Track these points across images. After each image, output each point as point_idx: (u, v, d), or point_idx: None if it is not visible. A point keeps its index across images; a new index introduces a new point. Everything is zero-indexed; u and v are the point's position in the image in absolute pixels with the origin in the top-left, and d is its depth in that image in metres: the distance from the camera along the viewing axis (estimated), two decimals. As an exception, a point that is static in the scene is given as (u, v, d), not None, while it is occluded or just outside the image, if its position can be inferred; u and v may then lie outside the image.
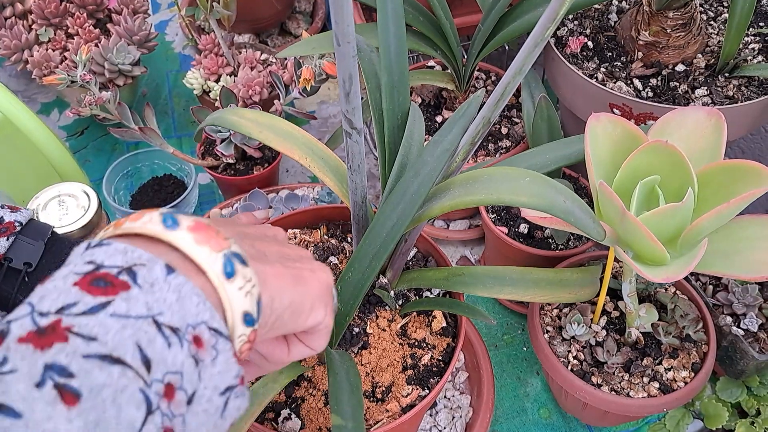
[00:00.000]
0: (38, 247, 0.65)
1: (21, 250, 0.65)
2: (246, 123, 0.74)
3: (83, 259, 0.35)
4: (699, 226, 0.62)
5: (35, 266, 0.65)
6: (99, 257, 0.35)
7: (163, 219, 0.37)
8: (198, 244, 0.37)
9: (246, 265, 0.38)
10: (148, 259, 0.35)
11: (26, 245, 0.65)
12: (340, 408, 0.54)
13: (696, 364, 0.79)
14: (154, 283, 0.35)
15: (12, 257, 0.64)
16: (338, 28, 0.49)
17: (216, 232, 0.38)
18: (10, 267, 0.64)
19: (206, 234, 0.38)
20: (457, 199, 0.60)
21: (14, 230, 0.65)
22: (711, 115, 0.68)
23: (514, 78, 0.55)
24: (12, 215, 0.66)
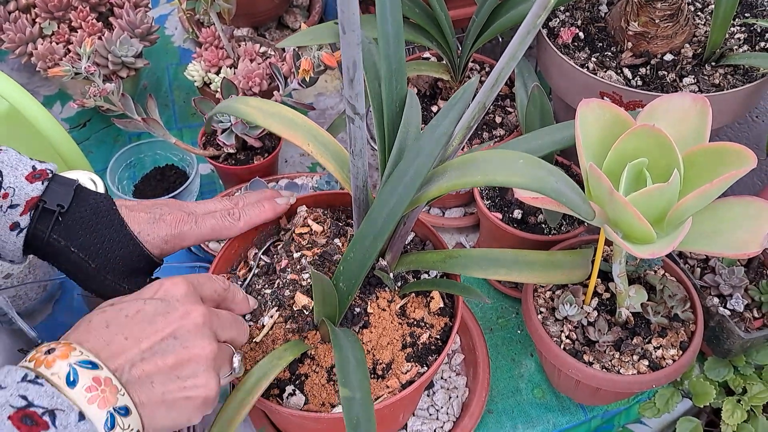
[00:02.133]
0: (69, 191, 0.71)
1: (54, 193, 0.70)
2: (252, 111, 0.76)
3: (18, 391, 0.48)
4: (684, 206, 0.65)
5: (67, 208, 0.70)
6: (31, 395, 0.48)
7: (67, 377, 0.50)
8: (89, 403, 0.50)
9: (126, 414, 0.52)
10: (67, 406, 0.48)
11: (58, 189, 0.71)
12: (347, 380, 0.56)
13: (684, 343, 0.82)
14: (67, 426, 0.48)
15: (46, 199, 0.70)
16: (344, 16, 0.52)
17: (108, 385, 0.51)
18: (44, 208, 0.69)
19: (97, 393, 0.50)
20: (454, 180, 0.62)
21: (47, 176, 0.71)
22: (696, 101, 0.71)
23: (508, 63, 0.58)
24: (43, 164, 0.72)
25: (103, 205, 0.73)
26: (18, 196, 0.68)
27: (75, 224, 0.71)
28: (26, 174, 0.70)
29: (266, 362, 0.67)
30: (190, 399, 0.57)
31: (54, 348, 0.52)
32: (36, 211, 0.69)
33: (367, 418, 0.54)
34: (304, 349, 0.71)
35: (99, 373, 0.51)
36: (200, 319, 0.59)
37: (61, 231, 0.70)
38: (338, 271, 0.68)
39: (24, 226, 0.69)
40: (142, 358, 0.55)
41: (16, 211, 0.68)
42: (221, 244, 1.02)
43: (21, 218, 0.68)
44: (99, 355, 0.53)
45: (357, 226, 0.74)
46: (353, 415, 0.54)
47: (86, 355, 0.52)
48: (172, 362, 0.56)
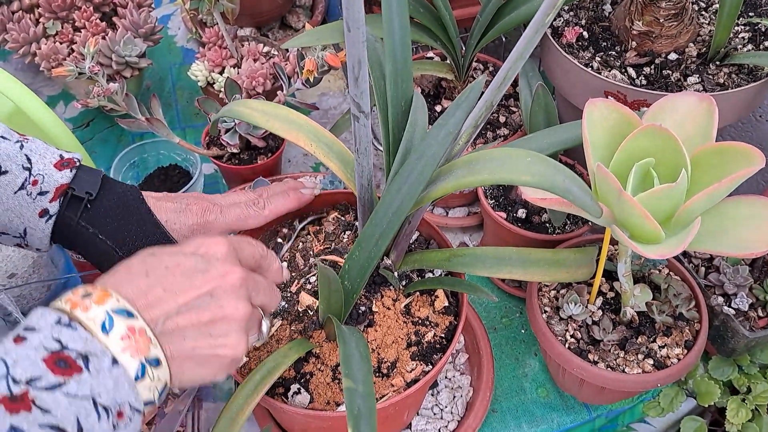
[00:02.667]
0: (97, 179, 0.72)
1: (82, 180, 0.71)
2: (254, 113, 0.76)
3: (52, 334, 0.48)
4: (692, 206, 0.65)
5: (95, 195, 0.71)
6: (65, 338, 0.48)
7: (102, 323, 0.50)
8: (122, 351, 0.50)
9: (157, 365, 0.52)
10: (100, 351, 0.49)
11: (86, 177, 0.72)
12: (351, 373, 0.57)
13: (689, 342, 0.82)
14: (100, 371, 0.48)
15: (75, 187, 0.71)
16: (349, 14, 0.52)
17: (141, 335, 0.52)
18: (73, 195, 0.70)
19: (130, 341, 0.51)
20: (460, 179, 0.62)
21: (75, 164, 0.71)
22: (703, 99, 0.71)
23: (516, 63, 0.58)
24: (69, 154, 0.72)
25: (130, 194, 0.73)
26: (47, 183, 0.69)
27: (103, 212, 0.71)
28: (54, 162, 0.70)
29: (271, 360, 0.67)
30: (218, 357, 0.57)
31: (90, 293, 0.52)
32: (65, 198, 0.70)
33: (369, 410, 0.55)
34: (309, 347, 0.71)
35: (134, 322, 0.52)
36: (237, 281, 0.59)
37: (90, 218, 0.71)
38: (343, 269, 0.69)
39: (53, 213, 0.69)
40: (178, 312, 0.55)
41: (46, 197, 0.69)
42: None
43: (50, 205, 0.69)
44: (135, 304, 0.53)
45: (362, 225, 0.74)
46: (355, 406, 0.55)
47: (122, 303, 0.52)
48: (207, 319, 0.56)
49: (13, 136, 0.71)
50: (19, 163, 0.69)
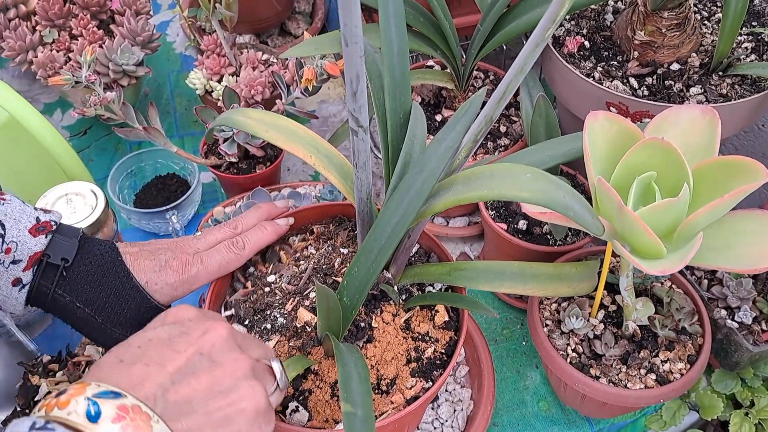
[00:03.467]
0: (74, 243, 0.70)
1: (58, 245, 0.69)
2: (252, 123, 0.75)
3: None
4: (694, 221, 0.64)
5: (71, 262, 0.69)
6: None
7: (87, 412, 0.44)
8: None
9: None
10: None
11: (63, 242, 0.69)
12: (349, 396, 0.55)
13: (692, 356, 0.81)
14: None
15: (50, 254, 0.68)
16: (346, 29, 0.51)
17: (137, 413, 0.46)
18: (48, 263, 0.68)
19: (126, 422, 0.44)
20: (460, 194, 0.61)
21: (51, 228, 0.69)
22: (705, 112, 0.70)
23: (516, 77, 0.57)
24: (46, 215, 0.70)
25: (108, 256, 0.71)
26: (21, 251, 0.66)
27: (80, 278, 0.69)
28: (30, 227, 0.68)
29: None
30: (239, 412, 0.53)
31: (65, 389, 0.46)
32: (40, 266, 0.68)
33: (369, 432, 0.53)
34: (308, 364, 0.70)
35: (124, 401, 0.46)
36: (224, 332, 0.56)
37: (66, 286, 0.69)
38: (342, 285, 0.68)
39: (27, 282, 0.67)
40: (173, 381, 0.50)
41: (19, 266, 0.67)
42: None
43: (24, 274, 0.67)
44: (120, 386, 0.47)
45: (361, 238, 0.73)
46: (354, 431, 0.53)
47: (104, 386, 0.46)
48: (207, 380, 0.52)
49: None
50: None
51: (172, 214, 1.04)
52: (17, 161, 0.99)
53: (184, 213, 1.08)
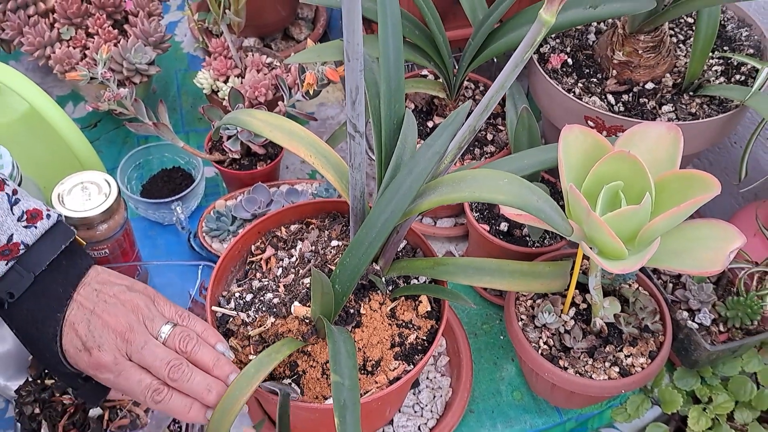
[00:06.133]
0: (27, 280, 0.70)
1: (10, 280, 0.69)
2: (257, 123, 0.82)
3: None
4: (654, 226, 0.71)
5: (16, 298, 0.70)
6: None
7: None
8: None
9: None
10: None
11: (17, 275, 0.69)
12: (338, 369, 0.62)
13: (653, 352, 0.88)
14: None
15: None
16: (349, 46, 0.58)
17: None
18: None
19: None
20: (444, 195, 0.68)
21: (16, 254, 0.69)
22: (670, 129, 0.77)
23: (497, 93, 0.64)
24: (21, 234, 0.70)
25: (52, 305, 0.71)
26: None
27: (18, 314, 0.71)
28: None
29: (265, 355, 0.73)
30: None
31: None
32: None
33: (353, 402, 0.61)
34: (301, 344, 0.77)
35: None
36: None
37: (6, 314, 0.71)
38: (335, 273, 0.74)
39: None
40: None
41: None
42: (224, 244, 1.08)
43: None
44: None
45: (354, 232, 0.80)
46: (341, 398, 0.60)
47: None
48: None
49: None
50: None
51: (177, 205, 1.11)
52: (36, 150, 1.06)
53: (188, 204, 1.15)
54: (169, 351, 0.71)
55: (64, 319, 0.71)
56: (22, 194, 0.72)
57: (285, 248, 0.89)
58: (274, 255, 0.88)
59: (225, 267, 0.87)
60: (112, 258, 0.99)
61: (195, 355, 0.72)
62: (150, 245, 1.16)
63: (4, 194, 0.71)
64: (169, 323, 0.73)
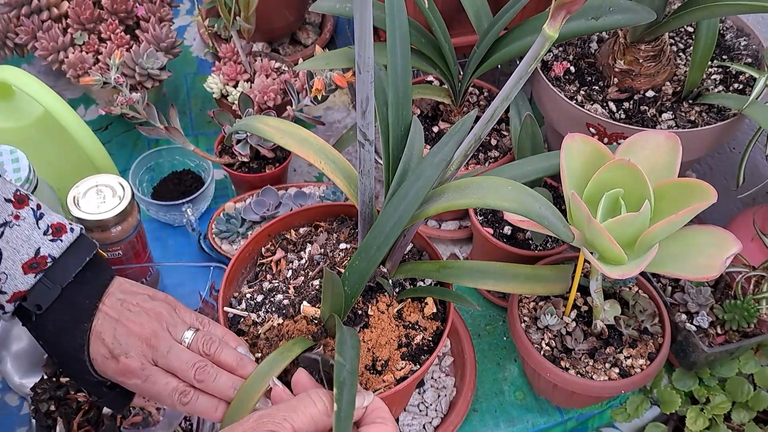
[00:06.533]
0: (54, 291, 0.72)
1: (39, 292, 0.72)
2: (269, 129, 0.84)
3: None
4: (653, 233, 0.74)
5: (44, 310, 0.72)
6: None
7: None
8: None
9: None
10: None
11: (45, 288, 0.72)
12: (342, 353, 0.66)
13: (652, 354, 0.91)
14: None
15: (28, 297, 0.72)
16: (360, 59, 0.61)
17: None
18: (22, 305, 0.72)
19: None
20: (450, 201, 0.71)
21: (44, 267, 0.72)
22: (669, 138, 0.79)
23: (502, 104, 0.67)
24: (48, 247, 0.73)
25: (79, 315, 0.73)
26: (8, 285, 0.70)
27: (46, 326, 0.73)
28: (26, 260, 0.71)
29: (278, 353, 0.75)
30: None
31: None
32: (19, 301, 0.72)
33: (351, 383, 0.64)
34: (311, 344, 0.79)
35: None
36: None
37: (34, 326, 0.73)
38: (344, 275, 0.77)
39: (9, 311, 0.72)
40: None
41: (4, 297, 0.71)
42: (233, 246, 1.10)
43: (7, 304, 0.71)
44: None
45: (362, 236, 0.82)
46: (342, 376, 0.64)
47: None
48: None
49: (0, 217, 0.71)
50: None
51: (188, 207, 1.13)
52: (51, 153, 1.09)
53: (198, 207, 1.17)
54: (193, 354, 0.74)
55: (90, 329, 0.73)
56: (45, 209, 0.75)
57: (295, 251, 0.92)
58: (284, 257, 0.91)
59: (236, 269, 0.89)
60: (125, 259, 1.01)
61: (218, 357, 0.75)
62: (161, 246, 1.18)
63: (30, 209, 0.73)
64: (191, 329, 0.76)
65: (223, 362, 0.75)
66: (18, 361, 1.01)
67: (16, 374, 1.00)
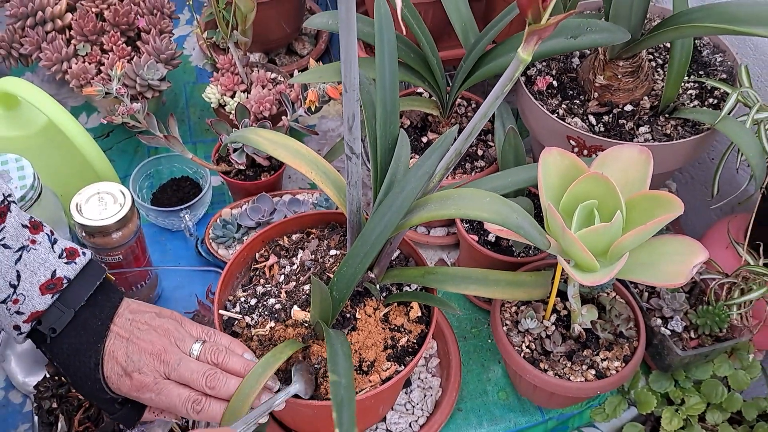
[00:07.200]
0: (68, 315, 0.77)
1: (53, 314, 0.76)
2: (264, 141, 0.89)
3: None
4: (624, 242, 0.78)
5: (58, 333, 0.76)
6: None
7: None
8: None
9: None
10: None
11: (59, 311, 0.76)
12: (336, 369, 0.69)
13: (627, 356, 0.95)
14: None
15: (43, 320, 0.76)
16: (347, 79, 0.65)
17: None
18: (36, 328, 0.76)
19: None
20: (432, 212, 0.75)
21: (60, 288, 0.77)
22: (642, 152, 0.84)
23: (480, 121, 0.71)
24: (63, 269, 0.77)
25: (92, 337, 0.78)
26: (26, 305, 0.75)
27: (60, 347, 0.77)
28: (43, 282, 0.75)
29: (270, 356, 0.80)
30: None
31: None
32: (35, 321, 0.76)
33: (349, 399, 0.67)
34: (301, 346, 0.84)
35: None
36: None
37: (48, 348, 0.78)
38: (332, 281, 0.81)
39: (24, 331, 0.76)
40: None
41: (21, 317, 0.75)
42: (230, 250, 1.15)
43: (24, 324, 0.75)
44: None
45: (350, 243, 0.87)
46: (338, 395, 0.67)
47: None
48: None
49: (17, 242, 0.75)
50: (8, 279, 0.74)
51: (186, 213, 1.18)
52: (54, 161, 1.13)
53: (195, 212, 1.22)
54: (202, 364, 0.79)
55: (104, 349, 0.78)
56: (57, 234, 0.80)
57: (287, 256, 0.96)
58: (276, 263, 0.95)
59: (231, 273, 0.94)
60: (126, 263, 1.06)
61: (226, 364, 0.80)
62: (159, 250, 1.23)
63: (45, 234, 0.78)
64: (198, 341, 0.81)
65: (231, 369, 0.80)
66: (22, 360, 1.05)
67: (19, 373, 1.05)
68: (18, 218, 0.76)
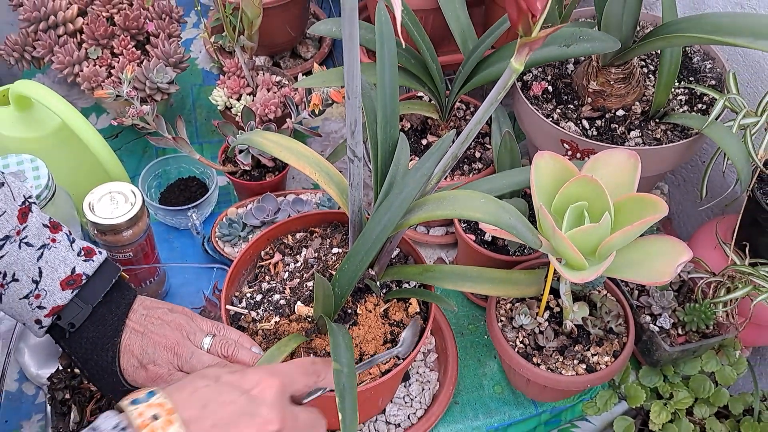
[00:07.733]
0: (86, 311, 0.81)
1: (72, 310, 0.80)
2: (269, 144, 0.93)
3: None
4: (611, 242, 0.82)
5: (77, 328, 0.81)
6: None
7: None
8: None
9: None
10: None
11: (78, 306, 0.81)
12: (338, 358, 0.73)
13: (616, 352, 0.99)
14: None
15: (62, 315, 0.80)
16: (349, 87, 0.69)
17: None
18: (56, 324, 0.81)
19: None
20: (430, 212, 0.79)
21: (80, 283, 0.81)
22: (630, 156, 0.88)
23: (476, 126, 0.75)
24: (84, 265, 0.81)
25: (109, 331, 0.82)
26: (47, 300, 0.79)
27: (79, 342, 0.81)
28: (63, 278, 0.80)
29: (274, 349, 0.84)
30: None
31: (159, 416, 0.60)
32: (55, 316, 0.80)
33: (351, 386, 0.71)
34: (305, 340, 0.88)
35: None
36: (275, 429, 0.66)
37: (67, 342, 0.82)
38: (335, 278, 0.85)
39: (45, 325, 0.80)
40: None
41: (42, 312, 0.79)
42: (235, 248, 1.19)
43: (45, 319, 0.80)
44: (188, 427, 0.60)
45: (352, 241, 0.91)
46: (341, 383, 0.71)
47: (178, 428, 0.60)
48: None
49: (39, 240, 0.79)
50: (30, 275, 0.78)
51: (193, 212, 1.22)
52: (67, 161, 1.17)
53: (202, 211, 1.26)
54: (213, 357, 0.83)
55: (120, 343, 0.82)
56: (74, 234, 0.84)
57: (291, 254, 1.00)
58: (281, 260, 0.99)
59: (237, 270, 0.98)
60: (135, 260, 1.10)
61: (236, 357, 0.84)
62: (167, 248, 1.27)
63: (64, 233, 0.83)
64: (208, 335, 0.85)
65: (240, 361, 0.84)
66: (35, 353, 1.09)
67: (33, 365, 1.08)
68: (39, 218, 0.80)
